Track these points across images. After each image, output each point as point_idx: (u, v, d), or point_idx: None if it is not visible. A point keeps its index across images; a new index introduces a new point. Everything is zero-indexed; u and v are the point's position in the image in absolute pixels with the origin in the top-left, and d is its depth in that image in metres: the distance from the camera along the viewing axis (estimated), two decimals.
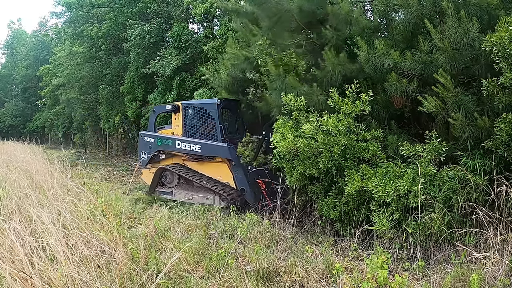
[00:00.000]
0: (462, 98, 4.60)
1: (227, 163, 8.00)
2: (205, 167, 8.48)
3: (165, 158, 9.08)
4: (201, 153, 8.25)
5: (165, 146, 8.86)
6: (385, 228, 4.73)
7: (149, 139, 9.22)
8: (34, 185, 6.49)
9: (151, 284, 3.52)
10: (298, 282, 4.19)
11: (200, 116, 8.58)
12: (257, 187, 7.39)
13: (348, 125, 5.36)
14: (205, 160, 8.42)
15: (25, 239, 3.63)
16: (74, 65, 20.24)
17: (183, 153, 8.58)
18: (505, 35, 4.15)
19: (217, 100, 8.24)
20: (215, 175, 8.27)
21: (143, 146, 9.40)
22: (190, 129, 8.59)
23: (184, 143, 8.41)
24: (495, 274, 3.80)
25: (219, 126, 8.07)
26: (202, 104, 8.75)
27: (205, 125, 8.47)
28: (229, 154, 7.80)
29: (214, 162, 8.29)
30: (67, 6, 17.83)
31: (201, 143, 8.21)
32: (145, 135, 9.40)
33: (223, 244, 5.44)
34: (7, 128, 39.22)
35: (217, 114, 8.12)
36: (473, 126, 4.60)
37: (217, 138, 8.07)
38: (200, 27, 15.49)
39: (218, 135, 8.06)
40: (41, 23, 39.61)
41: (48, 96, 28.35)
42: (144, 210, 7.82)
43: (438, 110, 4.76)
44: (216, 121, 8.14)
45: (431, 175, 4.74)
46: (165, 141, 8.84)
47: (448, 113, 4.74)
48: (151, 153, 9.13)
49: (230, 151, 7.78)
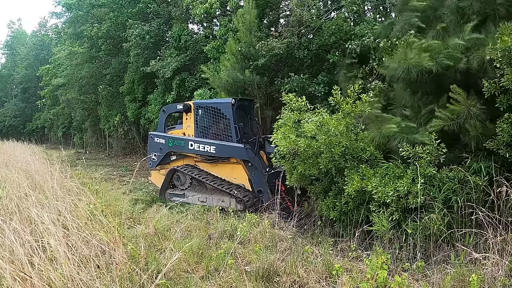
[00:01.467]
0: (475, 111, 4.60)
1: (242, 164, 7.86)
2: (218, 169, 8.29)
3: (175, 159, 8.87)
4: (215, 154, 8.07)
5: (177, 147, 8.67)
6: (385, 229, 4.73)
7: (160, 139, 8.95)
8: (34, 185, 6.49)
9: (151, 284, 3.52)
10: (297, 283, 4.18)
11: (213, 116, 8.33)
12: (275, 189, 7.13)
13: (347, 124, 5.37)
14: (219, 162, 8.24)
15: (25, 239, 3.62)
16: (74, 65, 20.24)
17: (196, 154, 8.40)
18: (509, 40, 4.16)
19: (232, 100, 8.05)
20: (230, 176, 8.09)
21: (153, 147, 9.12)
22: (203, 129, 8.39)
23: (198, 144, 8.24)
24: (495, 275, 3.80)
25: (234, 127, 7.89)
26: (216, 104, 8.47)
27: (218, 125, 8.26)
28: (246, 155, 7.67)
29: (228, 164, 8.14)
30: (67, 6, 17.82)
31: (216, 144, 8.01)
32: (155, 136, 9.15)
33: (223, 244, 5.44)
34: (7, 128, 39.23)
35: (232, 114, 7.92)
36: (483, 134, 4.62)
37: (232, 139, 7.89)
38: (200, 27, 15.49)
39: (233, 135, 7.88)
40: (41, 23, 39.68)
41: (48, 96, 28.32)
42: (144, 210, 7.82)
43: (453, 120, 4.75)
44: (231, 121, 7.94)
45: (431, 176, 4.75)
46: (177, 142, 8.63)
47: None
48: (162, 154, 8.93)
49: (248, 152, 7.64)
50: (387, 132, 5.12)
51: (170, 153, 8.90)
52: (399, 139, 5.02)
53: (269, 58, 9.24)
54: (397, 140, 5.03)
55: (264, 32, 10.53)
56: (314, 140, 5.44)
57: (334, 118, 5.51)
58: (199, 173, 8.36)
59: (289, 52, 9.49)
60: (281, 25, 11.81)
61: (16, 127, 39.34)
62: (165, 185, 8.84)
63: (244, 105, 8.67)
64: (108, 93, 20.67)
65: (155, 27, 15.05)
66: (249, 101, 8.87)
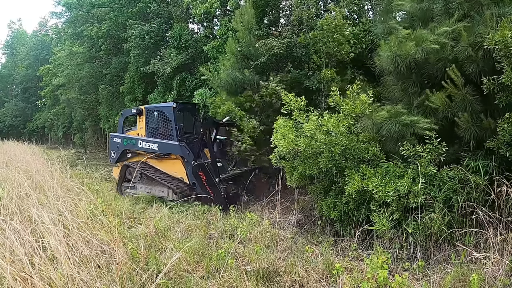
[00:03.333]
0: (470, 98, 4.60)
1: (181, 160, 8.85)
2: (163, 164, 9.39)
3: (131, 156, 10.06)
4: (158, 151, 9.20)
5: (130, 145, 9.92)
6: (385, 228, 4.73)
7: (117, 139, 10.31)
8: (34, 185, 6.49)
9: (151, 284, 3.52)
10: (298, 282, 4.18)
11: (160, 118, 9.49)
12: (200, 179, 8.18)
13: (348, 125, 5.36)
14: (163, 158, 9.32)
15: (25, 239, 3.62)
16: (74, 65, 20.23)
17: (144, 151, 9.51)
18: (508, 34, 4.15)
19: (174, 104, 9.26)
20: (171, 171, 9.16)
21: (112, 146, 10.51)
22: (152, 130, 9.58)
23: (145, 142, 9.47)
24: (495, 274, 3.80)
25: (175, 127, 9.03)
26: (161, 108, 9.74)
27: (164, 127, 9.36)
28: (180, 151, 8.72)
29: (170, 159, 9.21)
30: (67, 6, 17.83)
31: (158, 142, 9.20)
32: (114, 136, 10.55)
33: (223, 244, 5.44)
34: (7, 128, 39.23)
35: (173, 116, 9.08)
36: (477, 127, 4.61)
37: (173, 138, 8.99)
38: (200, 27, 15.48)
39: (174, 134, 9.00)
40: (41, 23, 39.71)
41: (48, 96, 28.34)
42: (144, 210, 7.84)
43: (445, 107, 4.76)
44: (172, 123, 9.09)
45: (431, 175, 4.74)
46: (130, 141, 9.92)
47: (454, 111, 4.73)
48: (119, 152, 10.22)
49: (182, 148, 8.67)
50: (378, 119, 5.14)
51: (126, 151, 10.11)
52: (389, 124, 5.05)
53: (269, 57, 9.23)
54: (388, 125, 5.07)
55: (264, 31, 10.52)
56: (313, 140, 5.44)
57: (334, 117, 5.50)
58: (146, 168, 9.42)
59: (289, 52, 9.48)
60: (281, 25, 11.80)
61: (17, 127, 39.34)
62: (121, 180, 10.10)
63: (188, 108, 10.03)
64: (108, 93, 20.66)
65: (155, 27, 15.05)
66: (193, 104, 10.31)
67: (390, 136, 5.10)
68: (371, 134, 5.41)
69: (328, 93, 6.79)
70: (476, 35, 4.64)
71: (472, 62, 4.70)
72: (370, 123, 5.25)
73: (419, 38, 5.02)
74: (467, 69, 4.74)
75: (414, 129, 4.91)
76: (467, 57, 4.71)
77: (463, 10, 5.07)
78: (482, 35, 4.52)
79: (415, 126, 4.89)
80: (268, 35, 10.01)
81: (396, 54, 5.11)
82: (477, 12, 4.93)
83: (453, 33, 4.92)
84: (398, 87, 5.69)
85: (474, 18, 4.92)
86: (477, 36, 4.63)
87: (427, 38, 4.94)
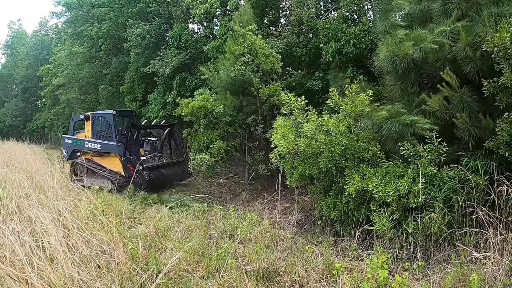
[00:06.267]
0: (467, 99, 4.60)
1: (119, 157, 10.77)
2: (105, 161, 11.36)
3: (80, 155, 11.92)
4: (100, 150, 11.23)
5: (78, 145, 11.98)
6: (385, 228, 4.72)
7: (68, 140, 12.47)
8: (34, 185, 6.49)
9: (151, 284, 3.51)
10: (298, 282, 4.18)
11: (103, 123, 11.44)
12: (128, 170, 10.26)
13: (348, 125, 5.35)
14: (105, 155, 11.26)
15: (25, 239, 3.62)
16: (74, 65, 20.22)
17: (90, 150, 11.57)
18: (506, 36, 4.15)
19: (113, 111, 11.20)
20: (111, 166, 11.10)
21: (64, 146, 12.72)
22: (97, 133, 11.52)
23: (90, 143, 11.50)
24: (495, 274, 3.80)
25: (114, 130, 10.97)
26: (103, 114, 11.78)
27: (106, 130, 11.30)
28: (117, 150, 10.71)
29: (110, 157, 11.14)
30: (67, 6, 17.80)
31: (101, 143, 11.21)
32: (65, 138, 12.79)
33: (223, 244, 5.43)
34: (7, 128, 39.18)
35: (113, 121, 11.02)
36: (476, 127, 4.61)
37: (113, 139, 10.91)
38: (200, 27, 15.46)
39: (113, 136, 10.94)
40: (41, 23, 39.59)
41: (48, 96, 28.32)
42: (144, 210, 7.83)
43: (442, 109, 4.77)
44: (112, 127, 11.01)
45: (432, 175, 4.74)
46: (78, 142, 12.03)
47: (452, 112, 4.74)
48: (70, 151, 12.29)
49: (118, 148, 10.66)
50: (378, 119, 5.15)
51: (76, 150, 12.12)
52: (390, 123, 5.07)
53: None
54: (388, 125, 5.08)
55: (264, 31, 10.50)
56: (313, 140, 5.43)
57: (334, 117, 5.50)
58: (91, 164, 11.45)
59: (288, 51, 9.49)
60: (281, 25, 11.80)
61: (17, 127, 39.29)
62: (71, 174, 11.65)
63: (125, 115, 12.36)
64: (108, 93, 20.64)
65: (156, 26, 15.04)
66: (130, 112, 12.96)
67: (390, 136, 5.10)
68: (371, 133, 5.41)
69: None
70: (475, 34, 4.65)
71: (471, 61, 4.70)
72: (370, 122, 5.25)
73: (418, 38, 5.02)
74: (465, 69, 4.74)
75: (414, 129, 4.91)
76: (466, 56, 4.71)
77: (461, 10, 5.08)
78: (480, 34, 4.53)
79: (415, 126, 4.89)
80: (268, 35, 9.99)
81: (394, 54, 5.11)
82: (476, 12, 4.94)
83: (451, 32, 4.93)
84: (397, 86, 5.69)
85: (473, 18, 4.92)
86: (476, 36, 4.64)
87: (426, 38, 4.94)
